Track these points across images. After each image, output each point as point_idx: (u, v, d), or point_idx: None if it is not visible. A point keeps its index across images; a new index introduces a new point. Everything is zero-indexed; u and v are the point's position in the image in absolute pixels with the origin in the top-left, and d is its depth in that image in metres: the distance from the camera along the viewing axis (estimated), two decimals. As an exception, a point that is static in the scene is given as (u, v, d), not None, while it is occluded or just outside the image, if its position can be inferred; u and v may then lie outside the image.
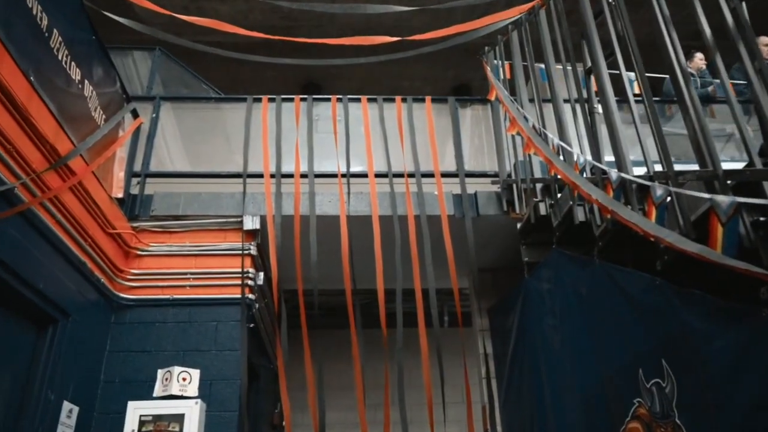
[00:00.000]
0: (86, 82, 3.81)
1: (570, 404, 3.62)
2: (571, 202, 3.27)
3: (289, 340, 5.03)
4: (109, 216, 4.04)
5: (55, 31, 3.38)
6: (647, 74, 2.77)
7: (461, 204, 4.71)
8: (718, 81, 3.74)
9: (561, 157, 3.28)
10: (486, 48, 5.02)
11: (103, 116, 4.12)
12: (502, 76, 4.89)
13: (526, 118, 3.83)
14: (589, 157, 2.98)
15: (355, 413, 4.59)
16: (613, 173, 2.63)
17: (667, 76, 5.11)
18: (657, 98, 4.24)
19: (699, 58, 6.00)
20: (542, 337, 4.08)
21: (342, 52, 9.15)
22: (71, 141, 3.53)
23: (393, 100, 5.18)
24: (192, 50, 8.06)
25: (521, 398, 4.57)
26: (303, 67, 9.44)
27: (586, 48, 3.16)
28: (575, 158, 3.05)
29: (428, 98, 5.20)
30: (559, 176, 3.60)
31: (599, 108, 3.26)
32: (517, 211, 4.40)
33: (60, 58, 3.46)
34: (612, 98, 2.89)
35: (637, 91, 3.82)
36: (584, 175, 2.96)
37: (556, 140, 3.34)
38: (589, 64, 3.41)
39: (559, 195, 3.70)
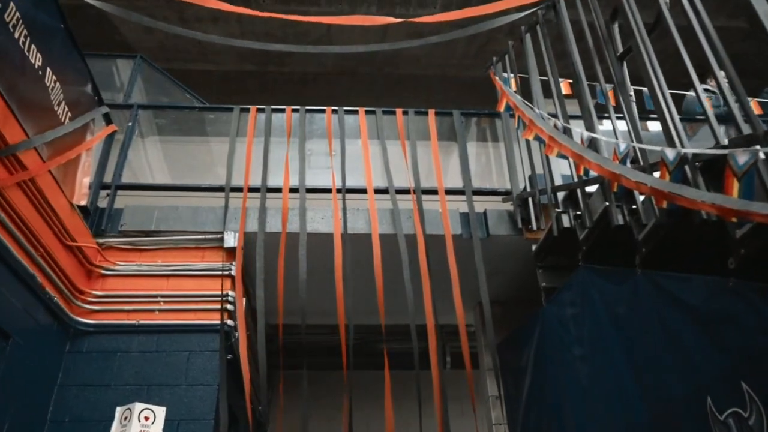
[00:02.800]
0: (48, 70, 3.35)
1: (605, 450, 3.03)
2: (606, 203, 2.78)
3: (277, 381, 4.38)
4: (68, 227, 3.52)
5: (11, 4, 2.94)
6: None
7: (468, 223, 4.21)
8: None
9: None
10: (494, 58, 4.64)
11: (69, 114, 3.64)
12: (514, 89, 4.49)
13: (544, 118, 3.39)
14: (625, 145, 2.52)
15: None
16: (670, 152, 2.16)
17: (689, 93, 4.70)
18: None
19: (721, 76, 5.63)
20: (566, 372, 3.52)
21: (338, 80, 8.86)
22: (24, 131, 3.04)
23: (393, 113, 4.76)
24: (181, 75, 7.67)
25: (539, 446, 3.97)
26: (298, 96, 9.08)
27: (617, 27, 2.76)
28: (614, 147, 2.58)
29: (431, 111, 4.79)
30: (587, 178, 3.13)
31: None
32: (534, 228, 3.90)
33: (16, 36, 3.01)
34: (658, 68, 2.45)
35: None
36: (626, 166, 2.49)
37: (586, 133, 2.88)
38: (620, 48, 3.00)
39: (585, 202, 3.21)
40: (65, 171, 3.65)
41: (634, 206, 2.71)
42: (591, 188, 3.23)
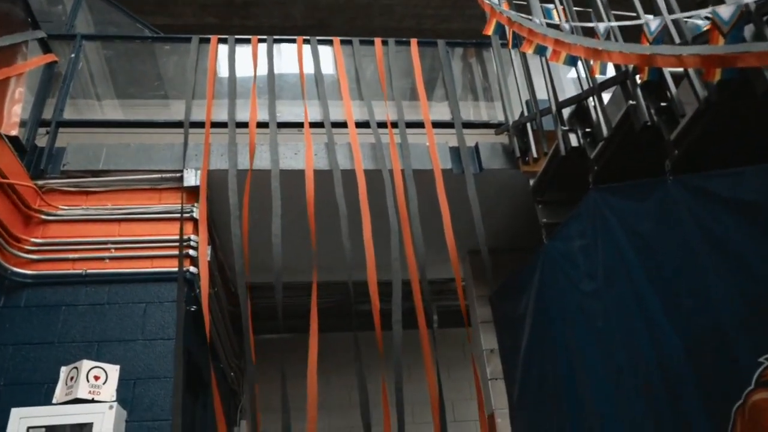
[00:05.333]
0: (-38, -30, 2.82)
1: (626, 394, 2.65)
2: (630, 102, 2.37)
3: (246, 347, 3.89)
4: (-3, 161, 3.01)
5: None
6: None
7: (459, 158, 3.79)
8: None
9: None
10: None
11: (-7, 30, 3.11)
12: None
13: (544, 24, 2.98)
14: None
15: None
16: (725, 9, 1.75)
17: None
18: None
19: None
20: (574, 314, 3.14)
21: (308, 34, 8.30)
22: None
23: (371, 43, 4.29)
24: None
25: (542, 399, 3.59)
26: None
27: None
28: (643, 28, 2.17)
29: (414, 41, 4.33)
30: (604, 78, 2.73)
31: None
32: (535, 155, 3.49)
33: None
34: None
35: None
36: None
37: (602, 25, 2.47)
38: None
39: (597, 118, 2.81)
40: (-9, 97, 3.12)
41: (662, 103, 2.31)
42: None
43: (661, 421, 2.35)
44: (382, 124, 3.84)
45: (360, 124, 3.82)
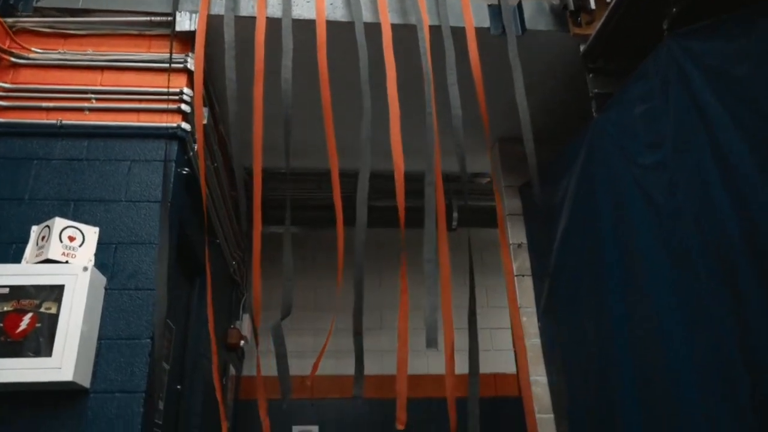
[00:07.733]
0: None
1: (693, 278, 2.22)
2: None
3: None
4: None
5: None
6: None
7: (499, 16, 3.23)
8: None
9: None
10: None
11: None
12: None
13: None
14: None
15: (335, 339, 3.14)
16: None
17: None
18: None
19: None
20: (628, 191, 2.67)
21: None
22: None
23: None
24: None
25: (578, 293, 3.20)
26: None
27: None
28: None
29: None
30: None
31: None
32: (593, 5, 2.93)
33: None
34: None
35: None
36: None
37: None
38: None
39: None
40: None
41: None
42: None
43: (746, 308, 1.92)
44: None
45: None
